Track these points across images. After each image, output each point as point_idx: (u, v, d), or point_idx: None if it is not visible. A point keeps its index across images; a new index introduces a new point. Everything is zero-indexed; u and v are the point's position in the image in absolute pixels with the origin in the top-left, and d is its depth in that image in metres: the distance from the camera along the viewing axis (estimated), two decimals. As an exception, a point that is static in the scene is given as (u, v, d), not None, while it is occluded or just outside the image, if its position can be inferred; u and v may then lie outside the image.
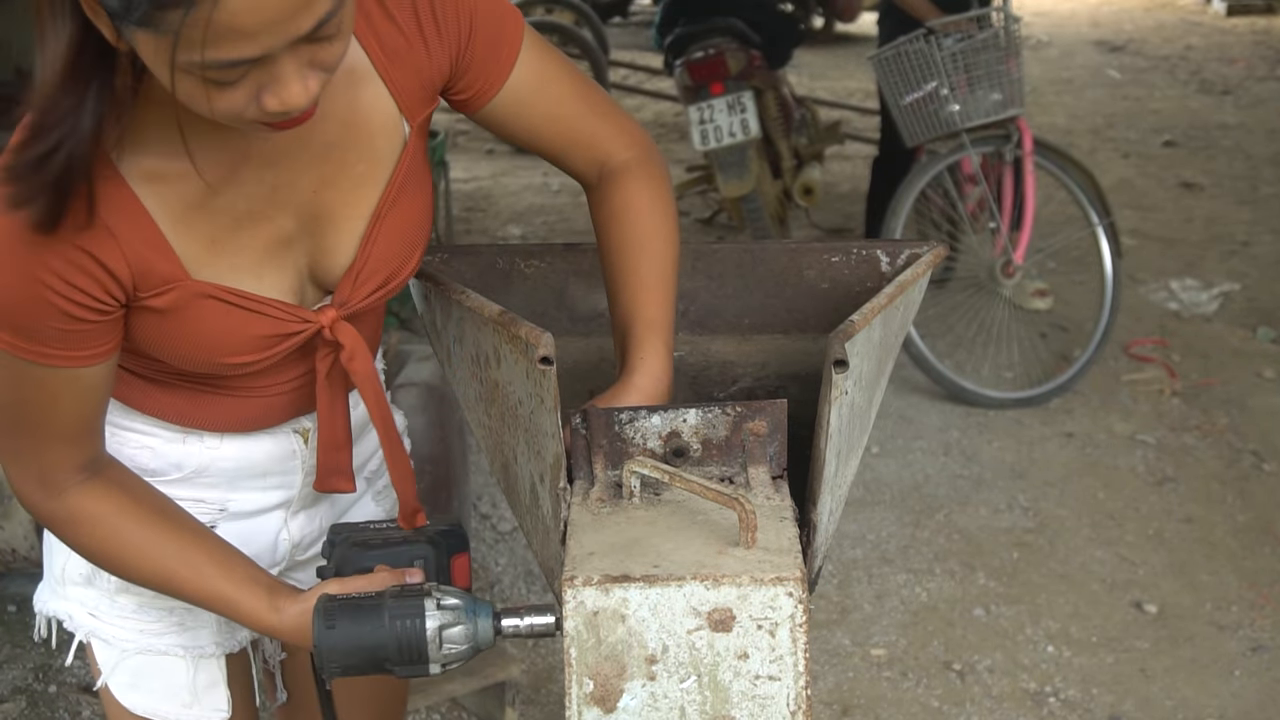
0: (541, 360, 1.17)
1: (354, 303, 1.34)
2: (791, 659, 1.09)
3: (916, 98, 4.22)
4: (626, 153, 1.44)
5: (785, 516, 1.19)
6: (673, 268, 1.42)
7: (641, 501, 1.22)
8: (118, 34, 1.03)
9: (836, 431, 1.22)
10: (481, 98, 1.35)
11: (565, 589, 1.08)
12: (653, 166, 1.44)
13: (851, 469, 1.38)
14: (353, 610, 1.25)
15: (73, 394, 1.24)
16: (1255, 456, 3.88)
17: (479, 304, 1.33)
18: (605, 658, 1.09)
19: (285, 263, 1.29)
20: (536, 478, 1.29)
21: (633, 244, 1.41)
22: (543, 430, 1.24)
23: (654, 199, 1.43)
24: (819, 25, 10.08)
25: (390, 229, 1.32)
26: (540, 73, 1.37)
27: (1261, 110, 8.03)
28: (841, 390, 1.19)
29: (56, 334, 1.18)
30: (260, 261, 1.27)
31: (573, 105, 1.40)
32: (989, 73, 4.14)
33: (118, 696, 1.50)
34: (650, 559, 1.11)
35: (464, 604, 1.26)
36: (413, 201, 1.34)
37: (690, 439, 1.27)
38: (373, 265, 1.32)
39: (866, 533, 3.51)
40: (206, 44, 0.99)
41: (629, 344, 1.38)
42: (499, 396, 1.36)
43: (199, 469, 1.43)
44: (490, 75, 1.34)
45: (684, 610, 1.08)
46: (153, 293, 1.22)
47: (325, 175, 1.28)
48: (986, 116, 4.17)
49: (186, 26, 0.98)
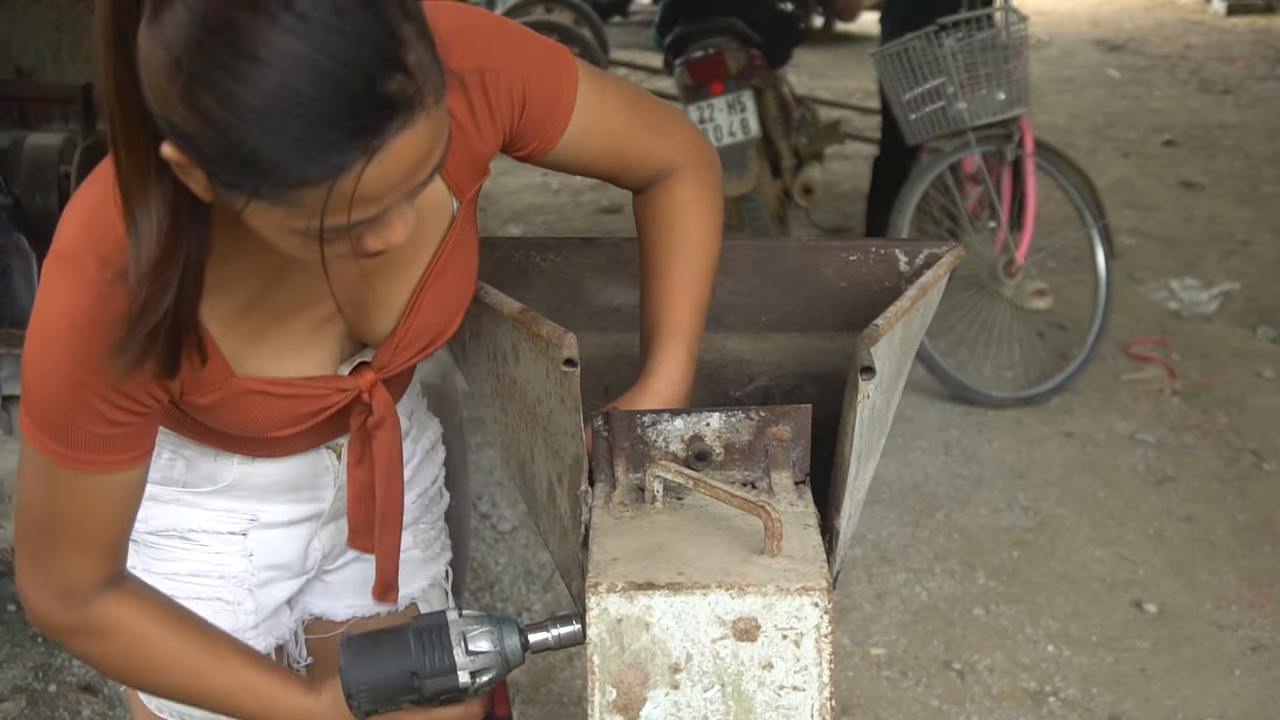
0: (566, 363, 1.16)
1: (394, 367, 1.33)
2: (816, 669, 1.08)
3: (919, 94, 4.21)
4: (680, 159, 1.41)
5: (809, 524, 1.18)
6: (707, 275, 1.40)
7: (664, 506, 1.21)
8: (211, 189, 0.99)
9: (859, 436, 1.21)
10: (540, 152, 1.33)
11: (589, 595, 1.07)
12: (705, 172, 1.42)
13: (869, 472, 1.37)
14: (374, 635, 1.24)
15: (109, 500, 1.21)
16: (1255, 456, 3.87)
17: (498, 300, 1.32)
18: (629, 665, 1.08)
19: (325, 340, 1.28)
20: (555, 477, 1.28)
21: (670, 247, 1.40)
22: (562, 430, 1.23)
23: (699, 205, 1.41)
24: (819, 24, 10.05)
25: (433, 299, 1.30)
26: (596, 112, 1.34)
27: (1261, 110, 8.02)
28: (865, 395, 1.18)
29: (99, 439, 1.16)
30: (302, 343, 1.26)
31: (627, 136, 1.37)
32: (995, 71, 4.13)
33: (144, 699, 1.49)
34: (674, 566, 1.10)
35: (486, 615, 1.24)
36: (459, 270, 1.32)
37: (713, 443, 1.26)
38: (414, 334, 1.31)
39: (866, 532, 3.51)
40: (330, 212, 0.97)
41: (651, 347, 1.38)
42: (517, 393, 1.34)
43: (232, 483, 1.41)
44: (549, 132, 1.31)
45: (708, 619, 1.07)
46: (199, 394, 1.21)
47: (372, 263, 1.24)
48: (992, 115, 4.17)
49: (321, 201, 0.95)
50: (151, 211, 1.01)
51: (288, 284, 1.21)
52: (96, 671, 2.78)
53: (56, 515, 1.21)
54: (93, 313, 1.10)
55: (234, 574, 1.45)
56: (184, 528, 1.43)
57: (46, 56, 4.18)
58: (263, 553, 1.46)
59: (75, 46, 4.16)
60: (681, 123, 1.43)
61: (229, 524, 1.43)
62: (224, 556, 1.44)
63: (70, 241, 1.11)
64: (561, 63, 1.30)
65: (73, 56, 4.16)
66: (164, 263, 1.02)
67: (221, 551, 1.44)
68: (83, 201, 1.14)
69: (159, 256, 1.02)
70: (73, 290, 1.10)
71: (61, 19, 4.14)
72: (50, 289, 1.12)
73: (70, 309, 1.10)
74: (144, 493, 1.25)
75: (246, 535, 1.45)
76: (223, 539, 1.44)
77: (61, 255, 1.12)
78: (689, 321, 1.38)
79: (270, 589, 1.49)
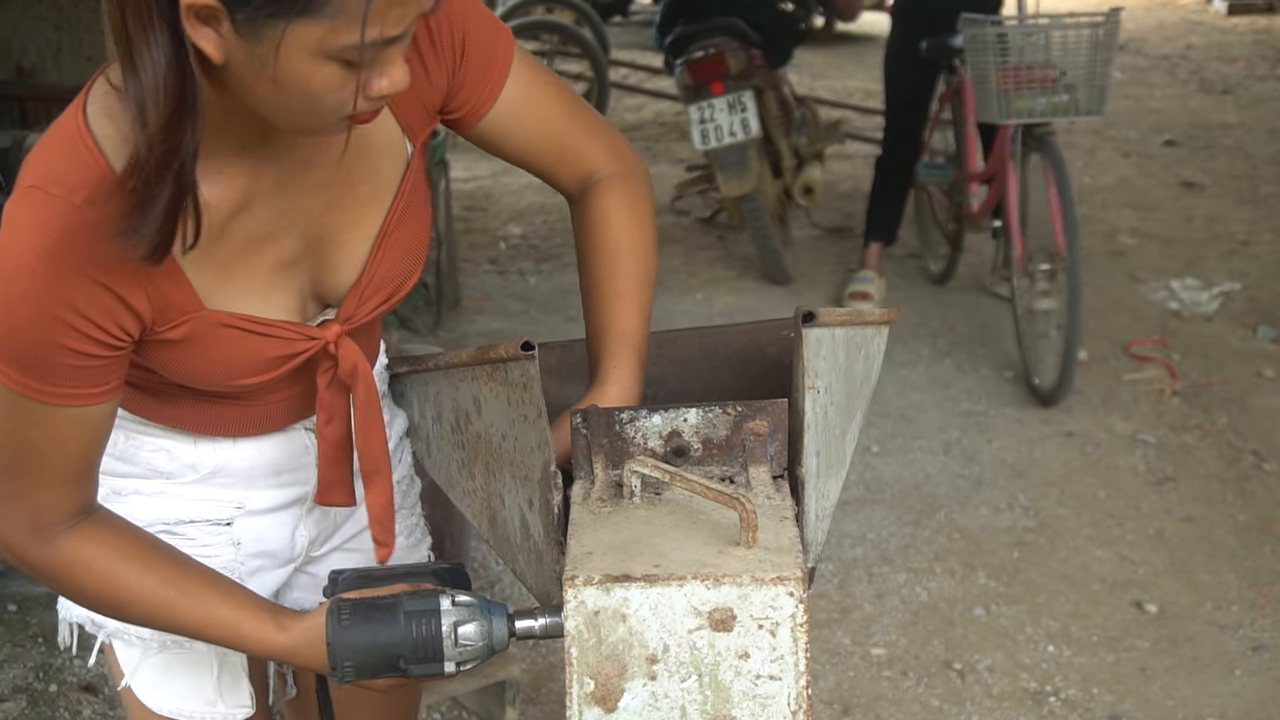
0: (524, 347, 1.19)
1: (359, 318, 1.36)
2: (792, 658, 1.09)
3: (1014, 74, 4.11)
4: (610, 168, 1.46)
5: (786, 516, 1.19)
6: (648, 282, 1.44)
7: (642, 501, 1.22)
8: (236, 36, 1.04)
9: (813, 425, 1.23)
10: (474, 115, 1.37)
11: (566, 588, 1.08)
12: (634, 182, 1.46)
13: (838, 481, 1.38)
14: (367, 608, 1.25)
15: (79, 433, 1.22)
16: (1255, 456, 3.88)
17: (453, 356, 1.37)
18: (606, 657, 1.09)
19: (290, 283, 1.30)
20: (525, 505, 1.29)
21: (608, 257, 1.44)
22: (528, 447, 1.25)
23: (632, 213, 1.45)
24: (819, 24, 10.07)
25: (395, 246, 1.34)
26: (530, 90, 1.39)
27: (1261, 110, 8.03)
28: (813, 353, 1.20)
29: (69, 371, 1.17)
30: (268, 284, 1.28)
31: (560, 123, 1.42)
32: (1090, 71, 4.10)
33: (141, 697, 1.50)
34: (651, 558, 1.11)
35: (478, 603, 1.26)
36: (416, 218, 1.36)
37: (691, 438, 1.28)
38: (378, 281, 1.34)
39: (866, 532, 3.51)
40: (369, 22, 1.03)
41: (601, 354, 1.40)
42: (482, 448, 1.37)
43: (215, 470, 1.43)
44: (483, 93, 1.36)
45: (685, 610, 1.08)
46: (169, 325, 1.22)
47: (331, 198, 1.29)
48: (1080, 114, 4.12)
49: (362, 5, 1.02)
50: (155, 66, 1.04)
51: (250, 212, 1.23)
52: (95, 670, 2.78)
53: (24, 449, 1.21)
54: (64, 238, 1.11)
55: (222, 564, 1.45)
56: (171, 519, 1.44)
57: (47, 56, 4.18)
58: (250, 540, 1.47)
59: (75, 46, 4.16)
60: (612, 130, 1.49)
61: (215, 512, 1.44)
62: (211, 548, 1.45)
63: (36, 176, 1.13)
64: (500, 28, 1.37)
65: (73, 56, 4.17)
66: (173, 124, 1.06)
67: (209, 544, 1.45)
68: (45, 144, 1.15)
69: (168, 117, 1.06)
70: (43, 218, 1.11)
71: (62, 19, 4.15)
72: (17, 222, 1.12)
73: (40, 237, 1.11)
74: (113, 424, 1.26)
75: (232, 524, 1.46)
76: (210, 530, 1.45)
77: (28, 189, 1.13)
78: (634, 326, 1.41)
79: (259, 578, 1.50)
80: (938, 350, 4.60)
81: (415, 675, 1.25)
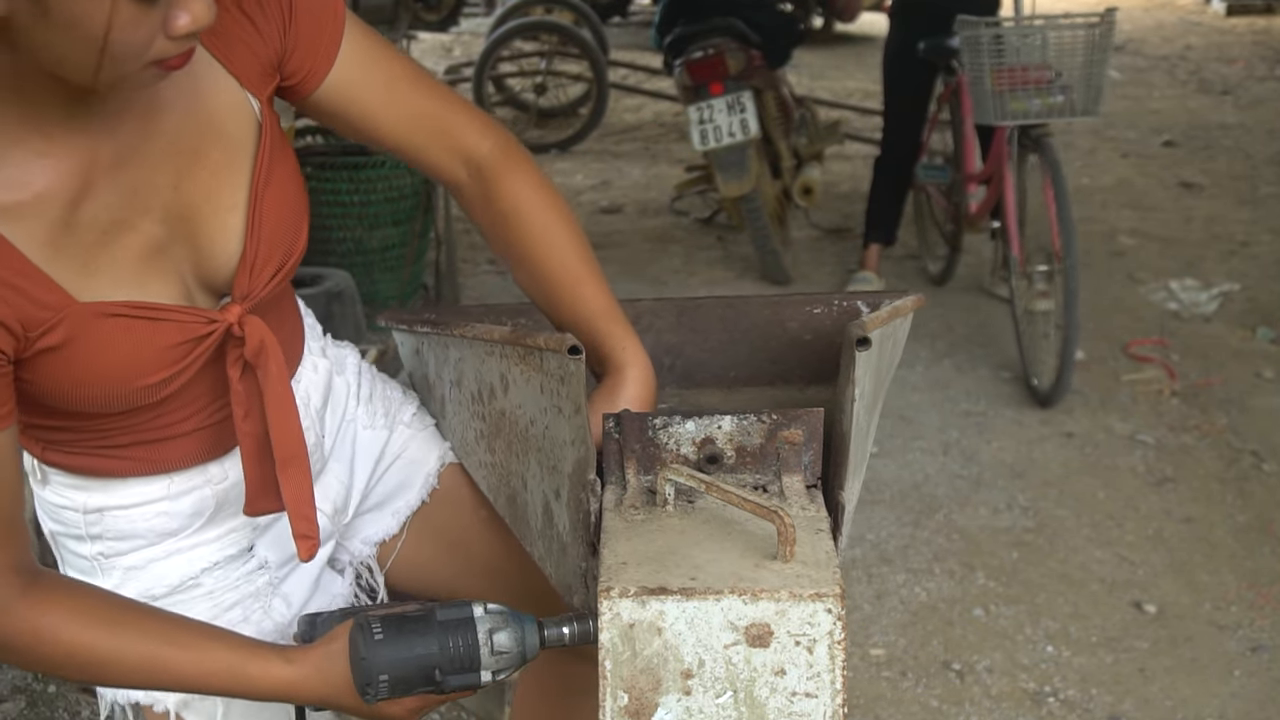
0: (570, 350, 1.16)
1: (256, 292, 1.28)
2: (829, 676, 1.08)
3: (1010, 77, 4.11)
4: (486, 141, 1.40)
5: (821, 528, 1.17)
6: (590, 252, 1.40)
7: (675, 509, 1.20)
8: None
9: (855, 428, 1.22)
10: (312, 79, 1.31)
11: (601, 599, 1.06)
12: (518, 153, 1.41)
13: (854, 493, 1.37)
14: (398, 620, 1.21)
15: None
16: (1255, 456, 3.87)
17: (485, 330, 1.33)
18: (640, 670, 1.07)
19: (166, 270, 1.22)
20: (551, 495, 1.27)
21: (546, 245, 1.39)
22: (560, 440, 1.23)
23: (540, 189, 1.40)
24: (819, 25, 10.06)
25: (272, 208, 1.27)
26: (368, 51, 1.33)
27: (1261, 110, 8.03)
28: (863, 372, 1.19)
29: None
30: (139, 272, 1.20)
31: (410, 88, 1.36)
32: (1086, 72, 4.09)
33: None
34: (686, 570, 1.09)
35: (508, 611, 1.23)
36: (286, 175, 1.29)
37: (724, 445, 1.26)
38: (265, 250, 1.27)
39: (866, 532, 3.51)
40: None
41: (597, 341, 1.36)
42: (505, 425, 1.34)
43: (218, 506, 1.37)
44: (318, 54, 1.30)
45: (721, 624, 1.07)
46: (43, 329, 1.13)
47: (180, 168, 1.22)
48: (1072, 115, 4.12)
49: None
50: None
51: (95, 197, 1.16)
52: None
53: None
54: None
55: (258, 588, 1.42)
56: (197, 571, 1.38)
57: (46, 57, 4.16)
58: (275, 550, 1.43)
59: (75, 47, 4.15)
60: (468, 101, 1.42)
61: (235, 544, 1.40)
62: (244, 579, 1.41)
63: None
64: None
65: (72, 57, 4.15)
66: None
67: (240, 575, 1.41)
68: None
69: None
70: None
71: (61, 19, 4.13)
72: None
73: None
74: (19, 472, 1.17)
75: (253, 549, 1.42)
76: (235, 563, 1.41)
77: None
78: (609, 301, 1.38)
79: (298, 574, 1.46)
80: (937, 351, 4.59)
81: (451, 688, 1.21)
